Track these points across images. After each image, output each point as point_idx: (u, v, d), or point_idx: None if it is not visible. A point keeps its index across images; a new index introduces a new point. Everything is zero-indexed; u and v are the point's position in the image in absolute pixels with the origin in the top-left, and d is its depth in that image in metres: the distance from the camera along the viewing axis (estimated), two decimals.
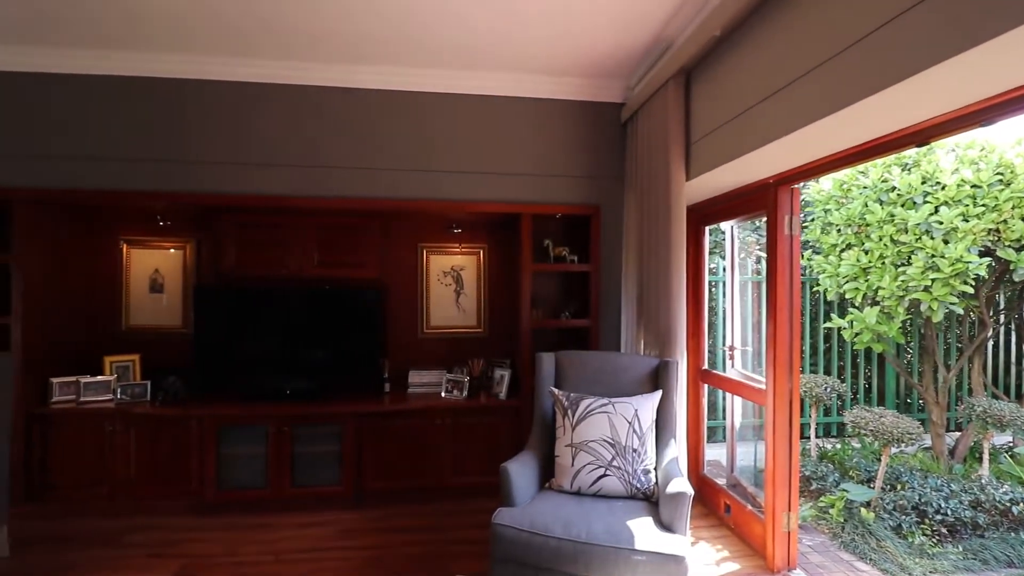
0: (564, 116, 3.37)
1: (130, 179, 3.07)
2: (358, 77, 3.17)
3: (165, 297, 3.61)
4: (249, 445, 3.11)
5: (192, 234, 3.61)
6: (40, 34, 2.79)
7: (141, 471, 3.08)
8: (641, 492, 2.28)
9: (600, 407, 2.40)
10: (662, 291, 2.80)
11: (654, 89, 2.82)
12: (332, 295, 3.40)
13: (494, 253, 3.80)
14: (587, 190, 3.39)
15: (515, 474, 2.25)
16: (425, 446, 3.24)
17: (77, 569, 2.47)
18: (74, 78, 3.04)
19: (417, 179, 3.26)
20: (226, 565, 2.53)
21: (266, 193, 3.15)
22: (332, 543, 2.75)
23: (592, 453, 2.33)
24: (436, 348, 3.72)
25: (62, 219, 3.28)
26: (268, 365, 3.35)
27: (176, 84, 3.10)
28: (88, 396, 3.15)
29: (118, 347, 3.47)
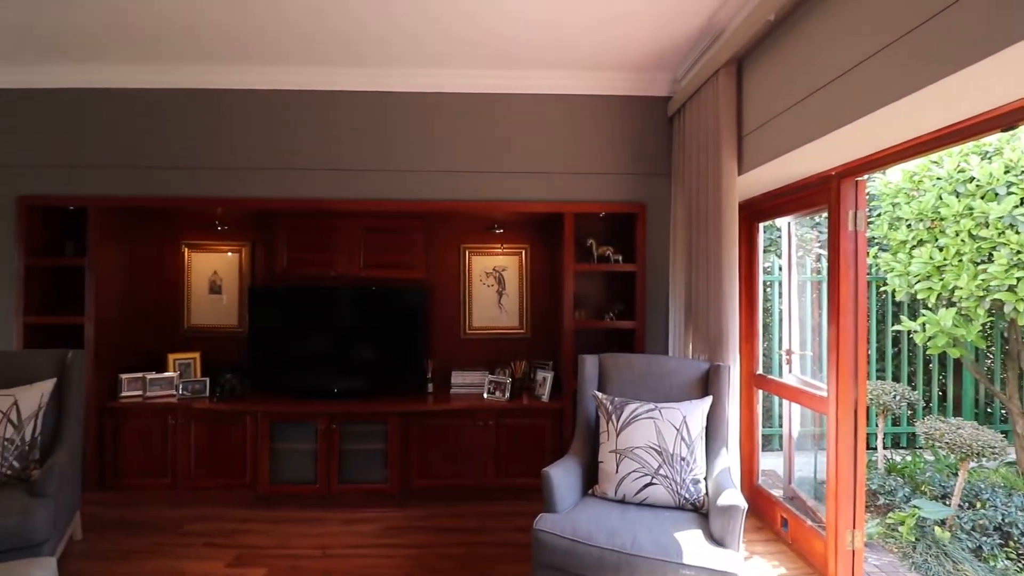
0: (608, 112, 3.28)
1: (191, 186, 3.24)
2: (399, 81, 3.21)
3: (223, 298, 3.79)
4: (300, 441, 3.20)
5: (247, 237, 3.77)
6: (111, 52, 2.98)
7: (200, 463, 3.24)
8: (690, 503, 2.18)
9: (646, 412, 2.32)
10: (712, 292, 2.67)
11: (703, 80, 2.70)
12: (378, 296, 3.46)
13: (536, 253, 3.76)
14: (632, 187, 3.29)
15: (557, 479, 2.20)
16: (467, 446, 3.23)
17: (141, 554, 2.61)
18: (141, 92, 3.24)
19: (459, 180, 3.26)
20: (277, 557, 2.61)
21: (314, 197, 3.24)
22: (377, 540, 2.79)
23: (637, 460, 2.24)
24: (478, 349, 3.72)
25: (131, 225, 3.49)
26: (317, 364, 3.45)
27: (233, 95, 3.25)
28: (153, 391, 3.34)
29: (180, 345, 3.67)
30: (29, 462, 2.41)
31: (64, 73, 3.18)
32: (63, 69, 3.17)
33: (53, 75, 3.19)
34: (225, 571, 2.48)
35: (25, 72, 3.18)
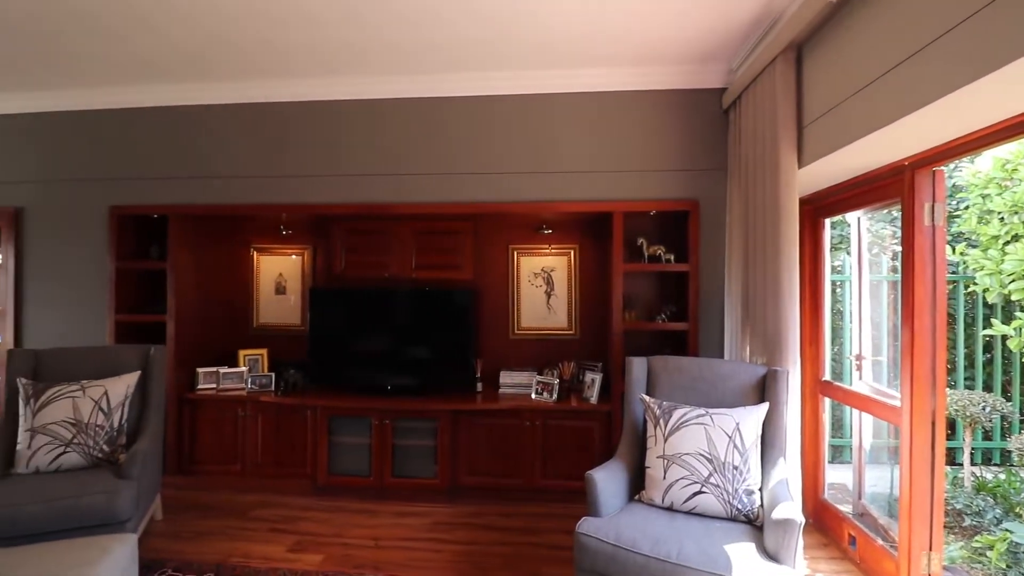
0: (658, 107, 3.19)
1: (259, 194, 3.46)
2: (447, 86, 3.28)
3: (288, 298, 4.01)
4: (355, 435, 3.34)
5: (309, 241, 3.97)
6: (187, 73, 3.23)
7: (266, 453, 3.45)
8: (743, 514, 2.08)
9: (696, 418, 2.23)
10: (771, 292, 2.53)
11: (760, 69, 2.56)
12: (429, 296, 3.54)
13: (585, 253, 3.71)
14: (684, 184, 3.17)
15: (602, 483, 2.16)
16: (515, 446, 3.25)
17: (213, 535, 2.82)
18: (213, 108, 3.50)
19: (507, 181, 3.28)
20: (333, 545, 2.73)
21: (368, 201, 3.37)
22: (426, 534, 2.85)
23: (686, 467, 2.16)
24: (526, 349, 3.72)
25: (206, 231, 3.76)
26: (372, 361, 3.58)
27: (293, 107, 3.44)
28: (225, 385, 3.59)
29: (250, 342, 3.93)
30: (116, 446, 2.66)
31: (147, 93, 3.49)
32: (146, 90, 3.47)
33: (138, 95, 3.51)
34: (286, 556, 2.62)
35: (113, 93, 3.52)
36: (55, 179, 3.66)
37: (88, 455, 2.59)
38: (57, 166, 3.67)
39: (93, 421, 2.62)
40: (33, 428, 2.56)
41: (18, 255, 3.71)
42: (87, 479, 2.42)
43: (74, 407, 2.62)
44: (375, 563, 2.56)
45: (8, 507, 2.19)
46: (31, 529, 2.19)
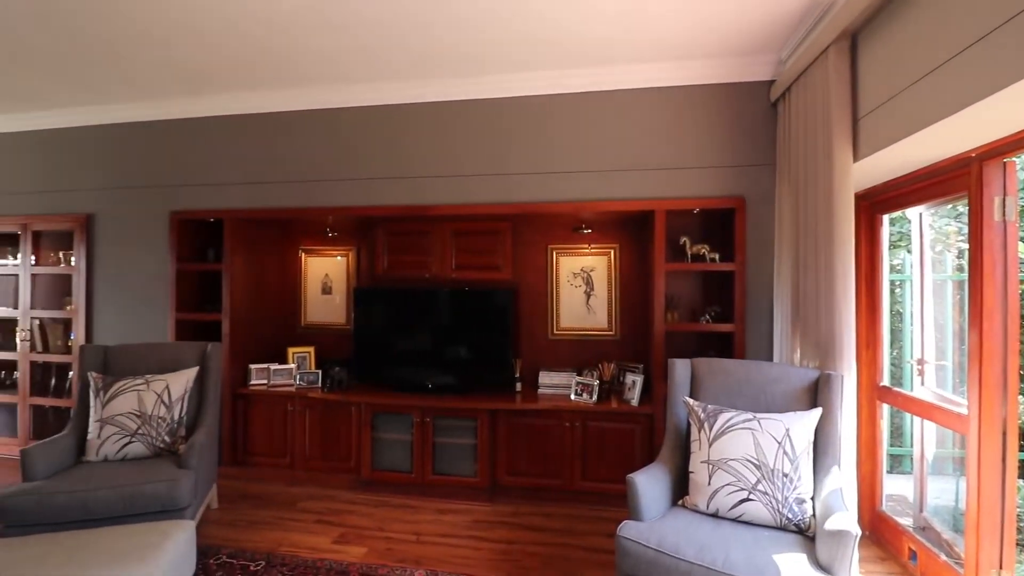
0: (702, 102, 3.11)
1: (307, 197, 3.59)
2: (486, 88, 3.31)
3: (333, 298, 4.14)
4: (397, 432, 3.41)
5: (354, 243, 4.09)
6: (239, 83, 3.39)
7: (313, 447, 3.57)
8: (793, 524, 1.99)
9: (743, 423, 2.16)
10: (824, 293, 2.42)
11: (811, 59, 2.45)
12: (468, 296, 3.58)
13: (626, 253, 3.65)
14: (729, 181, 3.08)
15: (643, 486, 2.12)
16: (554, 447, 3.23)
17: (265, 524, 2.94)
18: (262, 116, 3.66)
19: (545, 181, 3.28)
20: (376, 538, 2.80)
21: (408, 203, 3.44)
22: (466, 531, 2.88)
23: (733, 473, 2.09)
24: (566, 350, 3.70)
25: (257, 234, 3.93)
26: (413, 360, 3.64)
27: (333, 113, 3.56)
28: (276, 381, 3.74)
29: (298, 340, 4.08)
30: (177, 437, 2.82)
31: (203, 104, 3.69)
32: (203, 100, 3.67)
33: (195, 106, 3.71)
34: (331, 547, 2.71)
35: (174, 105, 3.73)
36: (122, 187, 3.92)
37: (151, 445, 2.75)
38: (123, 174, 3.92)
39: (156, 413, 2.78)
40: (102, 419, 2.74)
41: (89, 258, 3.99)
42: (150, 468, 2.58)
43: (139, 400, 2.79)
44: (416, 558, 2.60)
45: (81, 492, 2.35)
46: (101, 513, 2.35)
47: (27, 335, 4.10)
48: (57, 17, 2.61)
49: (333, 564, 2.52)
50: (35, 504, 2.28)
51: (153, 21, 2.64)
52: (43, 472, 2.49)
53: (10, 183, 4.15)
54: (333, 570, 2.47)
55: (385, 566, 2.51)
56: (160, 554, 1.93)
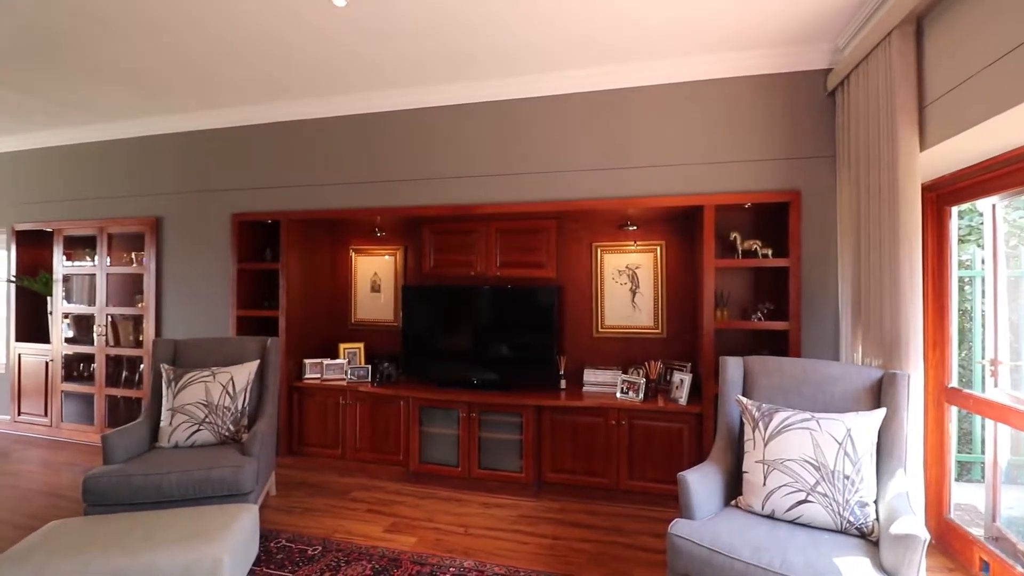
0: (752, 94, 3.03)
1: (358, 198, 3.72)
2: (528, 87, 3.34)
3: (382, 296, 4.26)
4: (444, 426, 3.49)
5: (401, 242, 4.19)
6: (293, 90, 3.55)
7: (363, 439, 3.69)
8: (855, 527, 1.92)
9: (800, 422, 2.09)
10: (888, 289, 2.31)
11: (872, 45, 2.35)
12: (513, 294, 3.61)
13: (673, 249, 3.60)
14: (783, 174, 2.99)
15: (695, 485, 2.09)
16: (600, 445, 3.22)
17: (319, 512, 3.07)
18: (313, 122, 3.81)
19: (590, 178, 3.27)
20: (425, 529, 2.87)
21: (454, 203, 3.50)
22: (512, 526, 2.91)
23: (790, 474, 2.04)
24: (611, 347, 3.68)
25: (311, 234, 4.10)
26: (459, 356, 3.71)
27: (384, 116, 3.67)
28: (328, 375, 3.89)
29: (349, 336, 4.23)
30: (240, 427, 2.97)
31: (261, 111, 3.88)
32: (259, 109, 3.86)
33: (254, 113, 3.91)
34: (382, 535, 2.80)
35: (235, 113, 3.94)
36: (187, 191, 4.17)
37: (217, 433, 2.92)
38: (189, 180, 4.17)
39: (221, 403, 2.95)
40: (174, 408, 2.93)
41: (158, 258, 4.26)
42: (216, 454, 2.74)
43: (206, 390, 2.96)
44: (464, 549, 2.65)
45: (156, 475, 2.52)
46: (173, 495, 2.51)
47: (103, 330, 4.41)
48: (131, 32, 2.81)
49: (386, 551, 2.61)
50: (116, 485, 2.47)
51: (220, 37, 2.80)
52: (121, 456, 2.69)
53: (89, 189, 4.49)
54: (386, 557, 2.55)
55: (435, 556, 2.57)
56: (228, 535, 2.05)
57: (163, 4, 2.52)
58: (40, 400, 4.60)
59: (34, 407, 4.63)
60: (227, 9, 2.56)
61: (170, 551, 1.91)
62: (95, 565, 1.82)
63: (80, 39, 2.88)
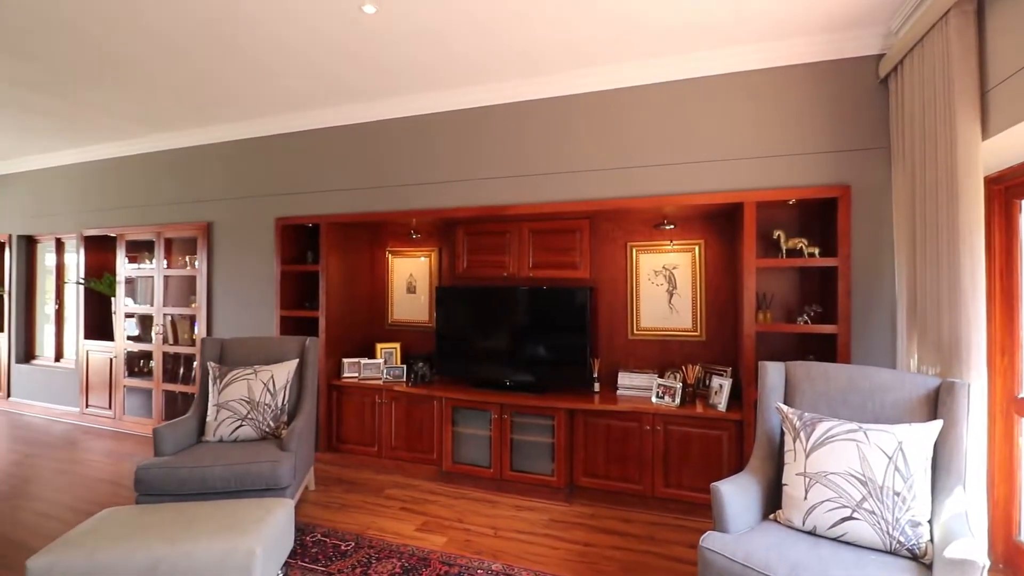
0: (796, 84, 2.87)
1: (393, 201, 3.79)
2: (560, 86, 3.30)
3: (417, 297, 4.32)
4: (477, 427, 3.49)
5: (436, 244, 4.24)
6: (330, 99, 3.65)
7: (398, 437, 3.75)
8: (906, 548, 1.77)
9: (846, 433, 1.96)
10: (947, 290, 2.13)
11: (928, 26, 2.17)
12: (545, 294, 3.57)
13: (712, 249, 3.46)
14: (831, 168, 2.81)
15: (729, 496, 1.99)
16: (634, 450, 3.14)
17: (355, 508, 3.13)
18: (349, 128, 3.91)
19: (625, 176, 3.19)
20: (456, 529, 2.88)
21: (487, 204, 3.50)
22: (542, 530, 2.88)
23: (833, 488, 1.91)
24: (646, 350, 3.57)
25: (349, 237, 4.20)
26: (492, 357, 3.70)
27: (414, 121, 3.73)
28: (366, 374, 3.97)
29: (385, 336, 4.31)
30: (279, 423, 3.08)
31: (300, 119, 4.02)
32: (300, 116, 4.00)
33: (293, 122, 4.06)
34: (414, 534, 2.82)
35: (278, 121, 4.10)
36: (235, 197, 4.37)
37: (258, 429, 3.03)
38: (237, 186, 4.37)
39: (262, 400, 3.06)
40: (219, 403, 3.06)
41: (209, 261, 4.48)
42: (257, 449, 2.84)
43: (248, 388, 3.08)
44: (493, 551, 2.64)
45: (200, 468, 2.64)
46: (216, 487, 2.62)
47: (161, 329, 4.69)
48: (182, 49, 2.96)
49: (416, 550, 2.63)
50: (163, 477, 2.60)
51: (259, 50, 2.91)
52: (170, 449, 2.83)
53: (148, 197, 4.78)
54: (415, 556, 2.58)
55: (464, 557, 2.58)
56: (263, 527, 2.12)
57: (207, 27, 2.65)
58: (105, 394, 4.95)
59: (99, 400, 4.98)
60: (273, 21, 2.66)
61: (207, 541, 1.99)
62: (139, 552, 1.92)
63: (139, 58, 3.07)
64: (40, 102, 3.83)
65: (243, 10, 2.56)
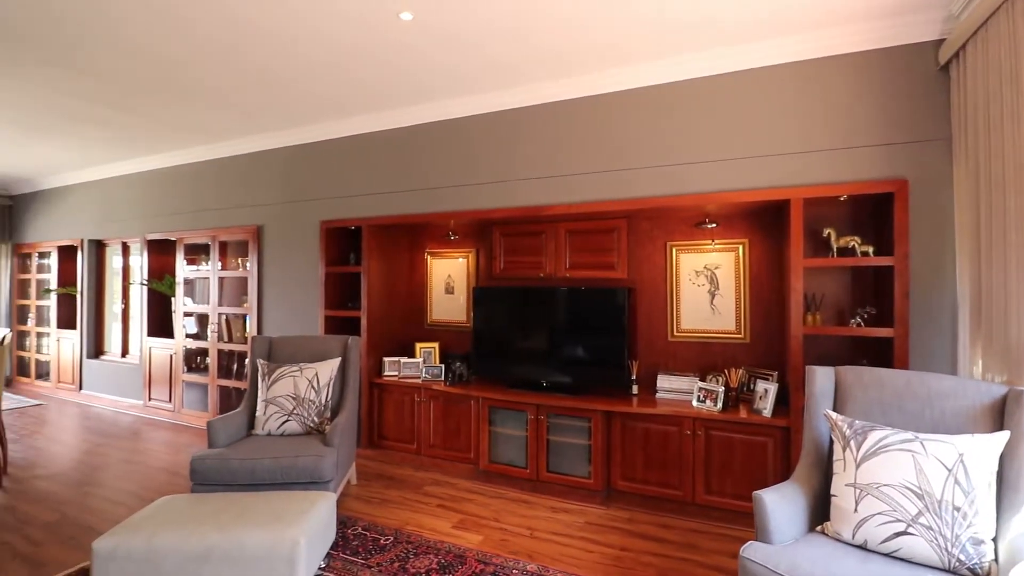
0: (846, 74, 2.73)
1: (432, 203, 3.85)
2: (596, 84, 3.27)
3: (455, 297, 4.38)
4: (513, 427, 3.50)
5: (473, 244, 4.28)
6: (369, 107, 3.75)
7: (436, 435, 3.81)
8: (967, 567, 1.66)
9: (901, 443, 1.85)
10: (1014, 292, 1.98)
11: (992, 9, 2.02)
12: (582, 295, 3.54)
13: (757, 248, 3.34)
14: (886, 161, 2.66)
15: (772, 505, 1.92)
16: (673, 455, 3.07)
17: (394, 503, 3.21)
18: (385, 134, 4.01)
19: (665, 174, 3.13)
20: (492, 528, 2.90)
21: (524, 205, 3.51)
22: (578, 532, 2.86)
23: (886, 501, 1.80)
24: (687, 353, 3.48)
25: (389, 239, 4.30)
26: (528, 357, 3.71)
27: (448, 124, 3.79)
28: (405, 372, 4.06)
29: (425, 336, 4.39)
30: (323, 419, 3.19)
31: (342, 125, 4.16)
32: (341, 123, 4.13)
33: (336, 128, 4.19)
34: (450, 531, 2.86)
35: (319, 128, 4.25)
36: (283, 201, 4.55)
37: (303, 424, 3.15)
38: (284, 191, 4.55)
39: (307, 397, 3.18)
40: (267, 399, 3.20)
41: (259, 263, 4.69)
42: (302, 444, 2.95)
43: (294, 384, 3.21)
44: (529, 552, 2.64)
45: (250, 460, 2.77)
46: (264, 479, 2.74)
47: (216, 327, 4.94)
48: (226, 60, 3.12)
49: (452, 547, 2.66)
50: (216, 467, 2.74)
51: (306, 61, 3.03)
52: (223, 441, 2.98)
53: (203, 202, 5.06)
54: (452, 553, 2.61)
55: (499, 556, 2.59)
56: (307, 519, 2.20)
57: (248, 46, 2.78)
58: (165, 388, 5.26)
59: (161, 394, 5.30)
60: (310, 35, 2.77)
61: (256, 531, 2.09)
62: (193, 539, 2.04)
63: (197, 74, 3.26)
64: (108, 116, 4.12)
65: (299, 21, 2.67)
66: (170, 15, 2.62)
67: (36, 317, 6.76)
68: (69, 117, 4.17)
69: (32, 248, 6.71)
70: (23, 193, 6.89)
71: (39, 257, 6.82)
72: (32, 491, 3.38)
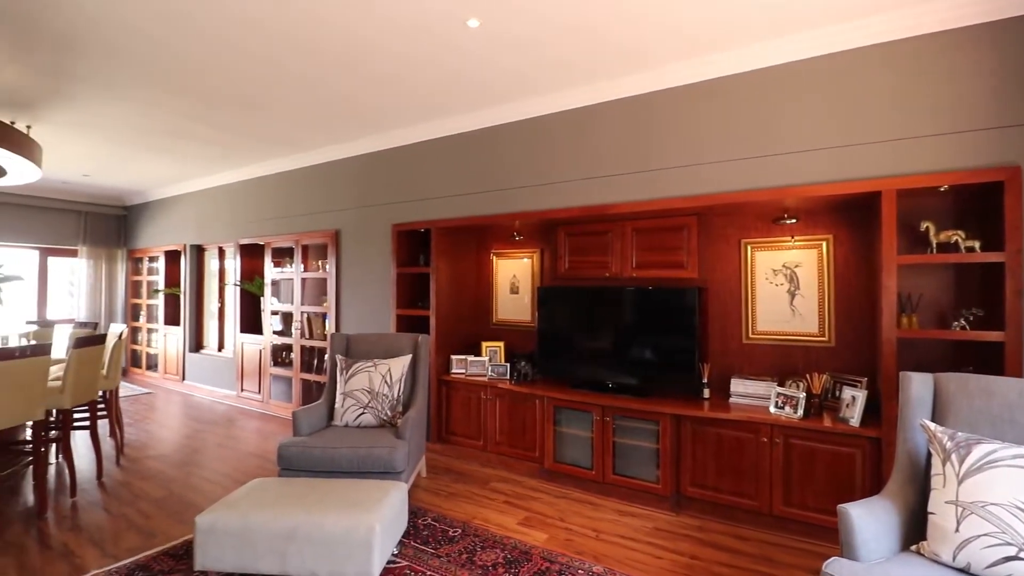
0: (944, 52, 2.49)
1: (497, 204, 3.92)
2: (669, 78, 3.18)
3: (520, 297, 4.42)
4: (578, 428, 3.49)
5: (538, 245, 4.31)
6: (442, 114, 3.87)
7: (502, 433, 3.87)
8: None
9: (1012, 459, 1.66)
10: None
11: None
12: (649, 295, 3.46)
13: (842, 244, 3.11)
14: (993, 146, 2.40)
15: (859, 520, 1.79)
16: (748, 463, 2.93)
17: (461, 498, 3.29)
18: (456, 137, 4.11)
19: (739, 168, 3.00)
20: (557, 527, 2.91)
21: (589, 204, 3.49)
22: (646, 537, 2.80)
23: (994, 522, 1.63)
24: (763, 356, 3.31)
25: (457, 240, 4.42)
26: (593, 358, 3.67)
27: (509, 127, 3.82)
28: (472, 371, 4.15)
29: (490, 335, 4.47)
30: (395, 413, 3.34)
31: (413, 132, 4.32)
32: (412, 130, 4.29)
33: (407, 135, 4.36)
34: (516, 527, 2.90)
35: (391, 136, 4.44)
36: (358, 206, 4.81)
37: (377, 417, 3.31)
38: (359, 196, 4.81)
39: (381, 391, 3.34)
40: (345, 392, 3.40)
41: (337, 264, 4.98)
42: (376, 435, 3.11)
43: (369, 379, 3.38)
44: (594, 553, 2.62)
45: (330, 449, 2.95)
46: (342, 467, 2.91)
47: (299, 325, 5.30)
48: (301, 77, 3.34)
49: (518, 543, 2.70)
50: (300, 454, 2.95)
51: (378, 72, 3.19)
52: (306, 430, 3.20)
53: (288, 209, 5.44)
54: (517, 549, 2.64)
55: (565, 555, 2.59)
56: (382, 507, 2.32)
57: (336, 58, 2.96)
58: (255, 380, 5.71)
59: (251, 385, 5.76)
60: (380, 50, 2.91)
61: (336, 515, 2.23)
62: (282, 518, 2.21)
63: (281, 92, 3.52)
64: (206, 133, 4.54)
65: (365, 36, 2.82)
66: (270, 62, 2.89)
67: (147, 314, 7.56)
68: (181, 135, 4.65)
69: (143, 253, 7.52)
70: (135, 204, 7.75)
71: (149, 261, 7.63)
72: (144, 470, 3.79)
